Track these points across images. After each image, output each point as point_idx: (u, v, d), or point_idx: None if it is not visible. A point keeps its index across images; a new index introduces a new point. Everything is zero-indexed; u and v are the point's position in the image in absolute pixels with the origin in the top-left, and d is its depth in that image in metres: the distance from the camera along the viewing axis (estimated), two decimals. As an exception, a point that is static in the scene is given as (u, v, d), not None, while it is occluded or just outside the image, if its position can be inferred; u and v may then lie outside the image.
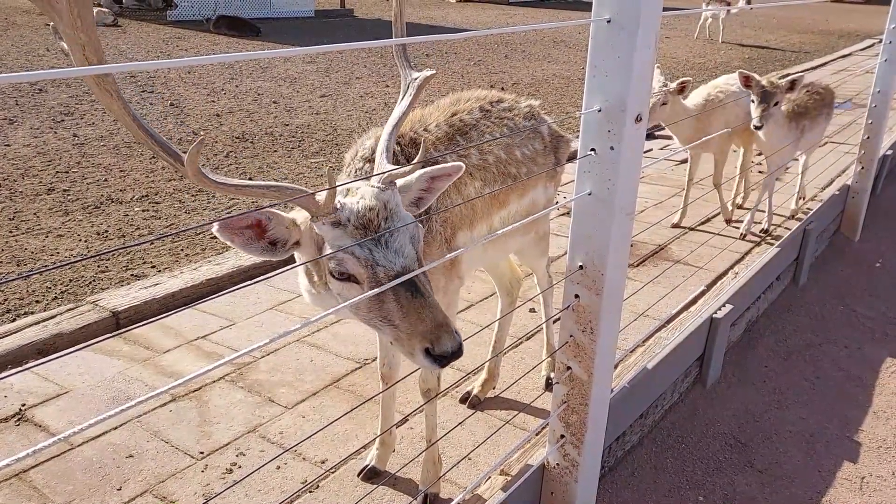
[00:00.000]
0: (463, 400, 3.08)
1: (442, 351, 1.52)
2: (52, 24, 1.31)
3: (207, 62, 1.12)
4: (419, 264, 1.63)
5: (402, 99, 2.03)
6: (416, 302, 1.54)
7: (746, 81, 4.48)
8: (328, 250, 1.59)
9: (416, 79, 2.04)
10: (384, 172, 1.70)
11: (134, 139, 6.44)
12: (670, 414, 3.37)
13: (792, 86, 4.45)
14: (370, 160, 2.04)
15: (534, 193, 2.74)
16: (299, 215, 1.69)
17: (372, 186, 1.65)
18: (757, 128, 4.41)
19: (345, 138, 7.95)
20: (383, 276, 1.55)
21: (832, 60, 15.03)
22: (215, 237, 5.08)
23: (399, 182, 1.73)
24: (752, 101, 4.48)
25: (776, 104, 4.43)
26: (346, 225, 1.58)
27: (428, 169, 1.80)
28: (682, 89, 4.64)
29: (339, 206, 1.60)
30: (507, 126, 2.61)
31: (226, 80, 10.78)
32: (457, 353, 1.54)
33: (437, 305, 1.59)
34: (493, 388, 3.13)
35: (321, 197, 1.57)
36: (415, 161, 1.72)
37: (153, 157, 6.89)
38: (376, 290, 1.52)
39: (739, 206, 5.58)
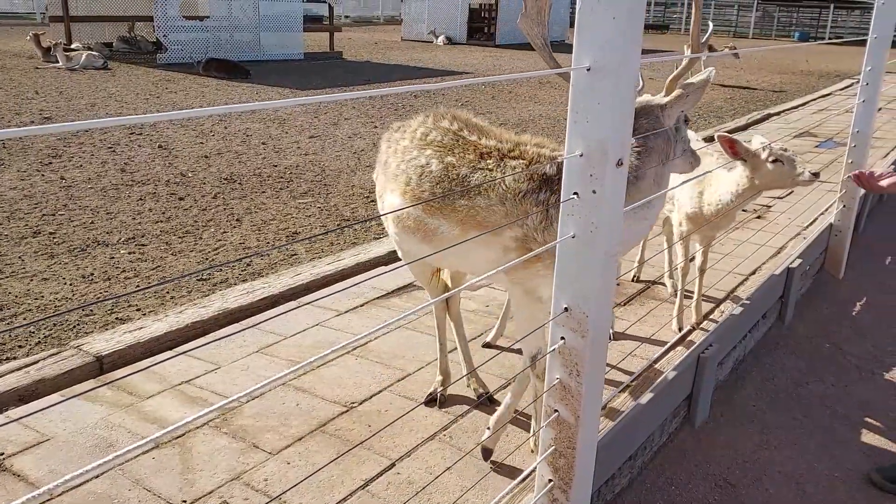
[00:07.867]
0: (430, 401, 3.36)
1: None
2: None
3: (229, 111, 1.13)
4: None
5: None
6: None
7: (734, 149, 3.62)
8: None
9: None
10: None
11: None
12: (659, 455, 3.35)
13: None
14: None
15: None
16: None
17: None
18: (816, 175, 3.57)
19: (333, 179, 7.99)
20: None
21: (812, 100, 15.34)
22: (201, 279, 5.08)
23: None
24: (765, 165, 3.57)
25: None
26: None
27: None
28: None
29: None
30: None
31: (215, 122, 10.85)
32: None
33: None
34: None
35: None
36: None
37: (140, 198, 6.90)
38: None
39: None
